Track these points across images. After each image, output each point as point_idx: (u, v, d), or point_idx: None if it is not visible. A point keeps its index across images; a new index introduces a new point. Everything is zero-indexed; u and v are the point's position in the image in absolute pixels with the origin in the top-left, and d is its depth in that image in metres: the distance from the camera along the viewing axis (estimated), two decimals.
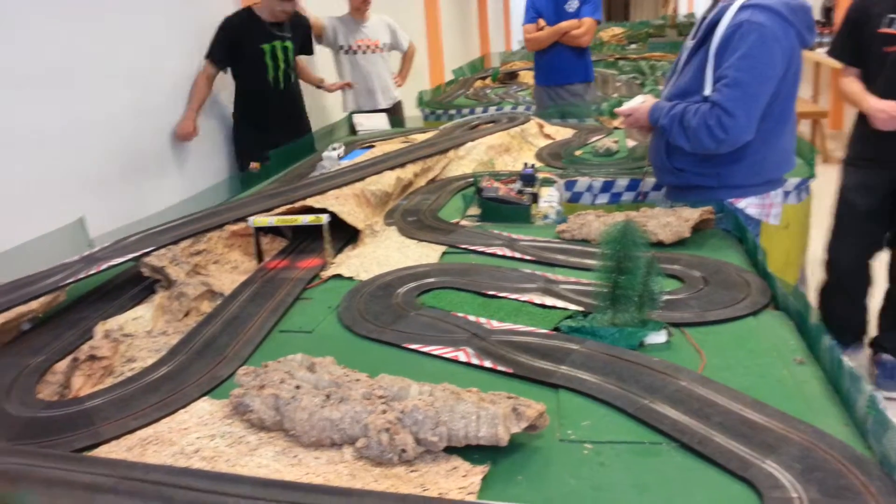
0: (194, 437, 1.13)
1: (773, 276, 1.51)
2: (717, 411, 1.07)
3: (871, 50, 2.62)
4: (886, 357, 2.81)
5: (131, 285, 1.77)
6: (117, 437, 1.15)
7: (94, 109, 2.79)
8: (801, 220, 2.61)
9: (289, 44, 3.64)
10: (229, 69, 3.58)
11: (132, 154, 2.98)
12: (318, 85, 4.19)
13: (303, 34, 3.89)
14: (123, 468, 1.02)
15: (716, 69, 1.91)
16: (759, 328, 1.37)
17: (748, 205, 2.05)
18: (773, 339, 1.32)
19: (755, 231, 2.05)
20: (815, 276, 2.95)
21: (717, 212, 1.94)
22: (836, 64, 2.95)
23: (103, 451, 1.12)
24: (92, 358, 1.37)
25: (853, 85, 2.71)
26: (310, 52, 4.04)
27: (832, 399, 1.12)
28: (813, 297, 2.80)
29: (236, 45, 3.48)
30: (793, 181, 2.44)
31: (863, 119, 2.68)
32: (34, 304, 1.55)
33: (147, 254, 1.72)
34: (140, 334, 1.51)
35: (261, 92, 3.61)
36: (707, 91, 1.92)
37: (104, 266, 1.67)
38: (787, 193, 2.40)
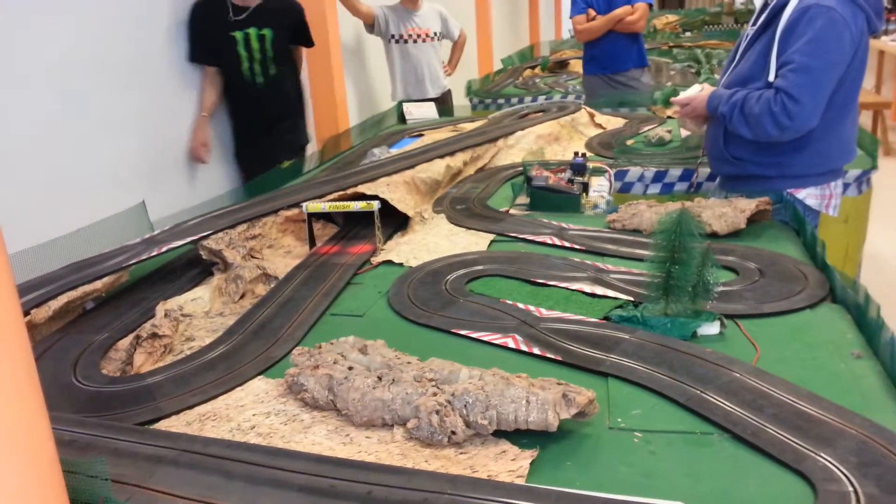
0: (250, 413, 1.17)
1: (831, 268, 1.48)
2: (770, 403, 1.06)
3: None
4: None
5: (190, 267, 1.83)
6: (177, 413, 1.20)
7: (153, 99, 2.88)
8: (860, 213, 2.52)
9: (267, 32, 3.15)
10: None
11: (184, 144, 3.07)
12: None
13: (292, 22, 3.34)
14: (184, 441, 1.06)
15: (780, 54, 1.86)
16: (815, 321, 1.34)
17: (807, 195, 1.99)
18: (830, 332, 1.29)
19: (813, 223, 1.99)
20: (874, 271, 2.86)
21: (774, 202, 1.89)
22: None
23: (164, 426, 1.17)
24: (153, 336, 1.43)
25: None
26: (307, 42, 3.47)
27: (891, 394, 1.09)
28: (873, 292, 2.71)
29: (208, 36, 3.08)
30: (853, 173, 2.36)
31: None
32: (98, 284, 1.62)
33: (205, 237, 1.77)
34: (198, 314, 1.57)
35: (236, 87, 3.20)
36: (771, 77, 1.87)
37: (164, 248, 1.73)
38: (846, 185, 2.33)
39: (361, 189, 2.06)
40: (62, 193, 2.41)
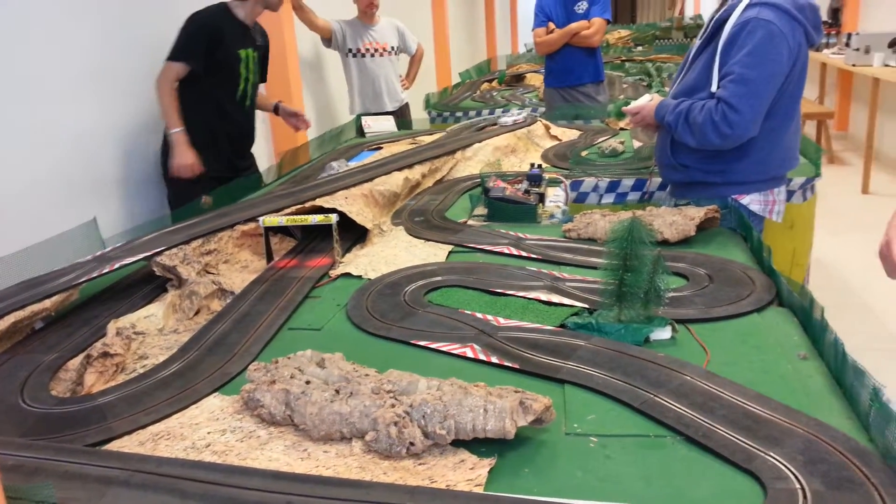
0: (205, 431, 1.15)
1: (777, 273, 1.52)
2: (721, 405, 1.08)
3: None
4: None
5: (143, 284, 1.80)
6: (129, 433, 1.17)
7: (108, 113, 2.82)
8: (806, 220, 2.61)
9: (255, 53, 3.06)
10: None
11: (140, 157, 3.01)
12: (273, 110, 3.44)
13: (267, 47, 3.22)
14: (136, 461, 1.04)
15: (722, 66, 1.93)
16: (763, 324, 1.38)
17: (751, 201, 2.06)
18: (777, 335, 1.33)
19: (759, 228, 2.05)
20: (821, 276, 2.96)
21: (721, 208, 1.95)
22: (842, 65, 2.94)
23: (115, 447, 1.14)
24: (105, 355, 1.39)
25: None
26: (264, 77, 3.31)
27: (835, 393, 1.13)
28: (819, 296, 2.80)
29: (213, 47, 2.86)
30: (798, 180, 2.44)
31: None
32: (47, 303, 1.57)
33: (158, 253, 1.74)
34: (152, 332, 1.54)
35: (225, 106, 2.98)
36: (714, 87, 1.94)
37: (116, 265, 1.70)
38: (791, 193, 2.41)
39: (319, 202, 2.06)
40: (9, 210, 2.34)
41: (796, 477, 0.93)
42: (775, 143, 1.99)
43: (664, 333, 1.34)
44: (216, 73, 2.89)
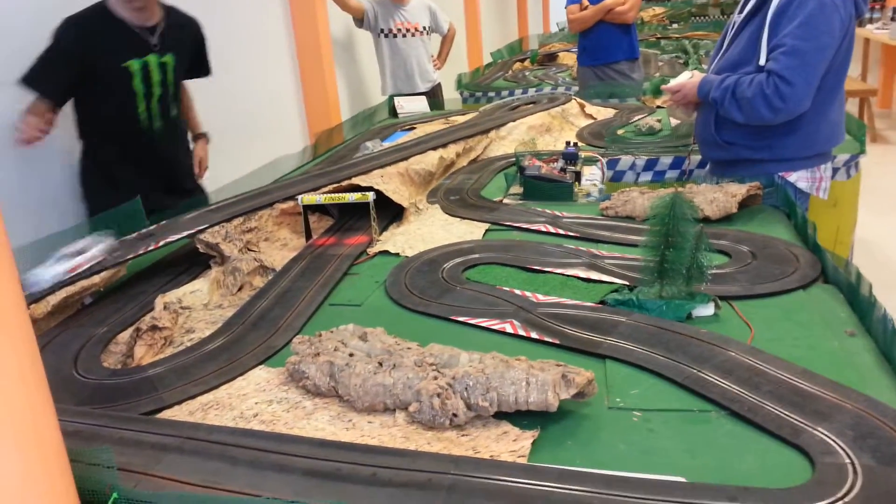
0: (253, 402, 1.18)
1: (823, 249, 1.50)
2: (766, 380, 1.07)
3: None
4: None
5: (187, 262, 1.83)
6: (179, 403, 1.20)
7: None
8: (849, 197, 2.55)
9: (169, 58, 2.37)
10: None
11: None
12: (195, 136, 2.74)
13: (193, 44, 2.55)
14: (188, 429, 1.07)
15: (771, 38, 1.88)
16: (808, 301, 1.36)
17: (798, 178, 2.01)
18: (823, 311, 1.31)
19: (804, 207, 2.01)
20: (864, 255, 2.89)
21: (765, 187, 1.91)
22: (887, 40, 2.85)
23: (166, 416, 1.17)
24: (153, 328, 1.43)
25: None
26: (206, 72, 2.66)
27: (885, 369, 1.11)
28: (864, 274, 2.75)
29: (85, 63, 2.21)
30: (842, 157, 2.38)
31: None
32: (96, 279, 1.62)
33: (201, 231, 1.77)
34: (197, 307, 1.57)
35: (123, 133, 2.35)
36: (762, 61, 1.89)
37: (161, 243, 1.73)
38: (836, 170, 2.35)
39: (356, 181, 2.07)
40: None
41: (846, 452, 0.92)
42: (823, 118, 1.94)
43: (707, 310, 1.33)
44: (100, 92, 2.27)
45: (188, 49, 2.51)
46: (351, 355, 1.18)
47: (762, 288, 1.41)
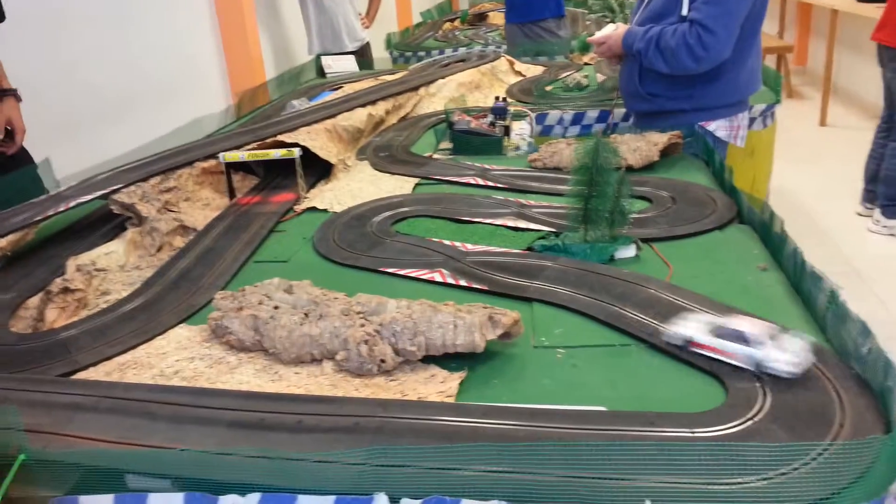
0: (173, 360, 1.15)
1: (739, 191, 1.55)
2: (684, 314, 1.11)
3: None
4: None
5: (102, 223, 1.75)
6: (95, 364, 1.16)
7: (61, 52, 2.69)
8: (765, 147, 2.64)
9: None
10: None
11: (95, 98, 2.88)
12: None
13: None
14: (104, 388, 1.03)
15: None
16: (724, 240, 1.41)
17: (717, 127, 2.07)
18: (738, 249, 1.36)
19: (722, 155, 2.07)
20: (779, 203, 3.02)
21: (685, 137, 1.96)
22: None
23: (81, 378, 1.12)
24: (65, 291, 1.36)
25: None
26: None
27: (794, 300, 1.16)
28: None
29: None
30: (759, 107, 2.47)
31: None
32: (2, 243, 1.52)
33: (116, 191, 1.69)
34: (113, 268, 1.51)
35: None
36: (684, 11, 1.91)
37: (73, 203, 1.64)
38: (753, 119, 2.43)
39: (281, 138, 2.01)
40: None
41: (756, 375, 0.96)
42: (741, 65, 1.99)
43: (629, 251, 1.36)
44: None
45: None
46: (276, 308, 1.15)
47: (681, 229, 1.45)
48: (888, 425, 0.84)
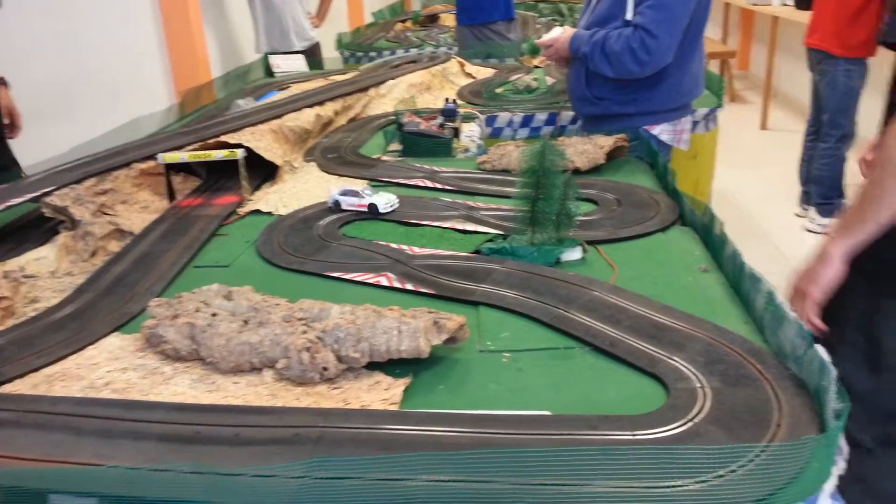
0: (104, 370, 1.10)
1: (681, 194, 1.57)
2: (627, 316, 1.12)
3: None
4: None
5: (32, 228, 1.67)
6: (21, 376, 1.10)
7: None
8: (708, 150, 2.70)
9: None
10: None
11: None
12: None
13: None
14: (28, 402, 0.98)
15: None
16: (667, 242, 1.43)
17: (661, 131, 2.10)
18: (679, 251, 1.38)
19: (666, 159, 2.11)
20: (721, 205, 3.09)
21: (630, 140, 1.98)
22: (744, 4, 3.02)
23: (7, 391, 1.06)
24: None
25: None
26: None
27: (733, 300, 1.18)
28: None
29: None
30: (701, 111, 2.52)
31: None
32: None
33: (48, 193, 1.62)
34: (43, 275, 1.44)
35: None
36: (629, 15, 1.94)
37: (2, 207, 1.57)
38: (695, 123, 2.48)
39: (225, 139, 1.96)
40: None
41: (696, 377, 0.97)
42: (684, 70, 2.03)
43: (575, 254, 1.37)
44: None
45: None
46: (214, 315, 1.12)
47: (625, 232, 1.46)
48: (823, 424, 0.85)
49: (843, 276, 1.32)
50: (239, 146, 1.87)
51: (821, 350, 0.91)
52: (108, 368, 1.10)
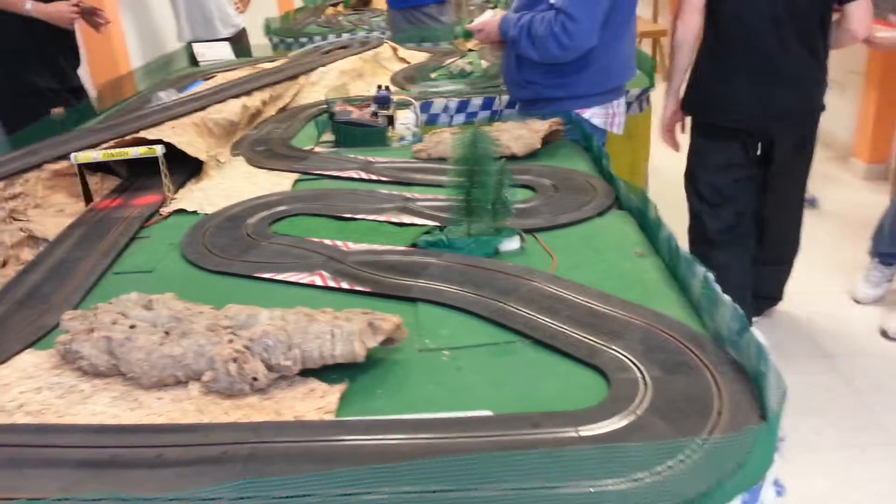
0: (17, 391, 1.01)
1: (616, 178, 1.57)
2: (566, 306, 1.10)
3: None
4: None
5: None
6: None
7: None
8: (642, 130, 2.73)
9: None
10: None
11: None
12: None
13: None
14: None
15: None
16: (604, 227, 1.42)
17: (593, 115, 2.10)
18: (616, 236, 1.38)
19: (601, 141, 2.11)
20: (658, 184, 3.13)
21: (565, 123, 1.98)
22: None
23: None
24: None
25: None
26: None
27: (671, 285, 1.18)
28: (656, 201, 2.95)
29: None
30: (634, 92, 2.54)
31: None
32: None
33: None
34: None
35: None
36: None
37: None
38: (629, 105, 2.50)
39: (143, 135, 1.85)
40: None
41: (637, 366, 0.96)
42: (613, 54, 2.03)
43: (513, 244, 1.34)
44: None
45: None
46: (132, 327, 1.05)
47: (563, 218, 1.45)
48: (763, 410, 0.86)
49: None
50: (158, 142, 1.77)
51: (757, 333, 0.91)
52: (22, 389, 1.02)
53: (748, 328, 0.92)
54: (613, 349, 0.99)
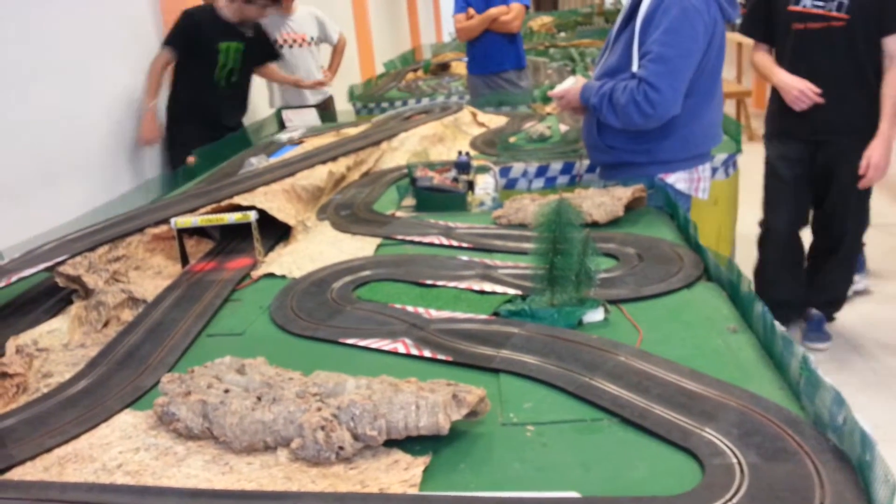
0: (117, 451, 1.06)
1: (704, 248, 1.53)
2: (655, 384, 1.07)
3: (779, 27, 2.71)
4: (814, 312, 2.90)
5: (46, 297, 1.66)
6: (32, 458, 1.07)
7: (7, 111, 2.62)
8: (729, 195, 2.67)
9: (240, 45, 3.59)
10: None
11: (47, 158, 2.81)
12: (296, 84, 4.25)
13: (261, 39, 3.81)
14: (37, 489, 0.95)
15: (641, 45, 1.93)
16: (693, 300, 1.38)
17: (677, 180, 2.08)
18: (706, 309, 1.33)
19: (686, 206, 2.08)
20: (746, 250, 3.04)
21: (648, 188, 1.96)
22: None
23: (17, 475, 1.03)
24: (2, 375, 1.27)
25: (764, 59, 2.83)
26: (275, 56, 4.00)
27: (766, 364, 1.13)
28: (745, 270, 2.88)
29: (194, 38, 3.44)
30: (720, 157, 2.49)
31: (776, 94, 2.77)
32: None
33: (61, 262, 1.61)
34: (56, 348, 1.42)
35: (206, 87, 3.55)
36: (634, 67, 1.94)
37: (14, 278, 1.56)
38: (715, 169, 2.45)
39: (237, 200, 1.96)
40: None
41: (732, 451, 0.92)
42: (698, 120, 2.01)
43: (597, 315, 1.32)
44: (198, 60, 3.47)
45: (258, 41, 3.76)
46: (226, 391, 1.08)
47: (649, 290, 1.42)
48: (869, 501, 0.80)
49: None
50: (252, 208, 1.87)
51: (860, 419, 0.86)
52: (121, 449, 1.07)
53: (851, 414, 0.87)
54: (707, 432, 0.95)
